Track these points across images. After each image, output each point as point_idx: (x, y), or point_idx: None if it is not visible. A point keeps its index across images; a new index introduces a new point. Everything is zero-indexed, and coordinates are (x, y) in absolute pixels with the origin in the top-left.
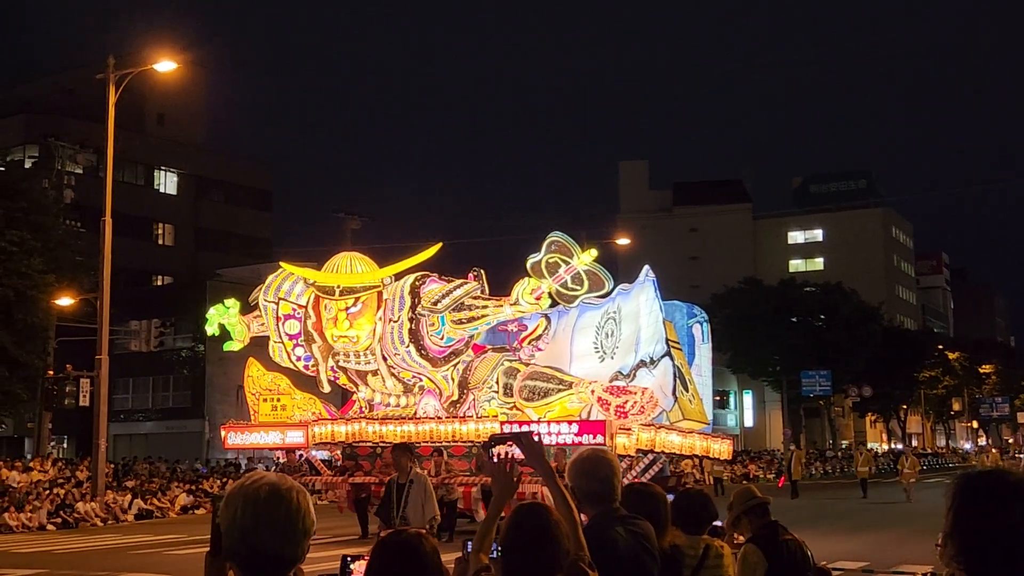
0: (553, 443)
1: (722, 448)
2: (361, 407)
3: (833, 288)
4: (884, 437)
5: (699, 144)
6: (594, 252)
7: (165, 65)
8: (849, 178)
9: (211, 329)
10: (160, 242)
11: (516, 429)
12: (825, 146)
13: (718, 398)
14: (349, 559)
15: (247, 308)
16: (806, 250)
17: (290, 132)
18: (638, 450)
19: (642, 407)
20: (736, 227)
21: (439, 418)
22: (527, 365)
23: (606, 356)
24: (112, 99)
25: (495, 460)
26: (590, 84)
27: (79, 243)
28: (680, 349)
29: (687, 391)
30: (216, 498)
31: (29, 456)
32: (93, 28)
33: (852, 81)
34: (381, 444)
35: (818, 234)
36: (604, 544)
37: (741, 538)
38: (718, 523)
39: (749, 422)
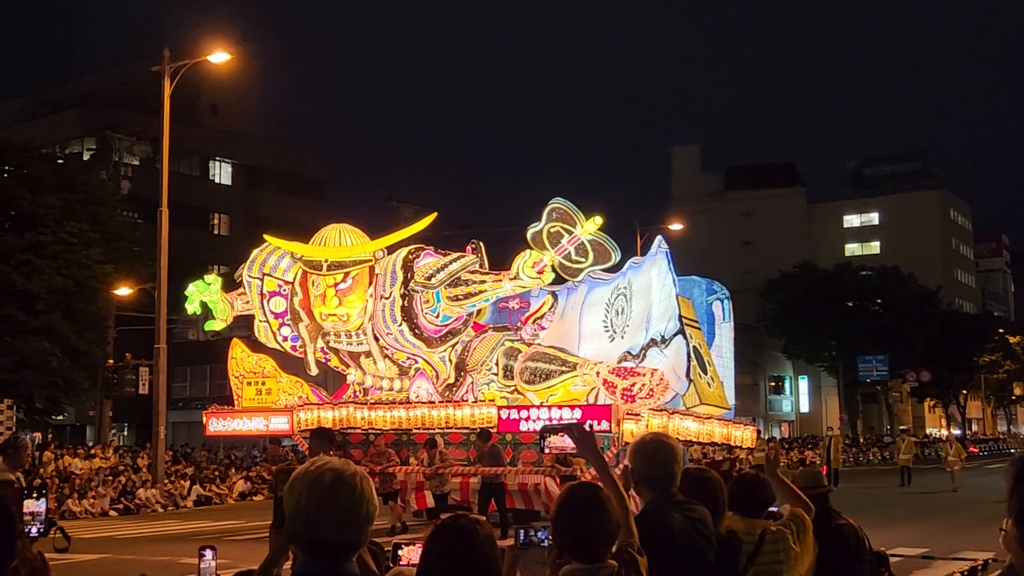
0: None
1: (745, 435)
2: (355, 391)
3: (890, 272)
4: (943, 422)
5: (751, 128)
6: (599, 220)
7: (218, 56)
8: (904, 159)
9: (192, 307)
10: (216, 232)
11: (519, 415)
12: (879, 127)
13: (773, 384)
14: (398, 546)
15: (232, 285)
16: (862, 234)
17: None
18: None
19: (651, 390)
20: (790, 211)
21: (432, 403)
22: (529, 346)
23: (616, 335)
24: (167, 91)
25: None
26: (640, 69)
27: (136, 234)
28: (698, 328)
29: (705, 373)
30: (281, 473)
31: (91, 444)
32: (147, 21)
33: (906, 60)
34: (372, 431)
35: (874, 217)
36: (660, 529)
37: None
38: (774, 508)
39: (805, 408)
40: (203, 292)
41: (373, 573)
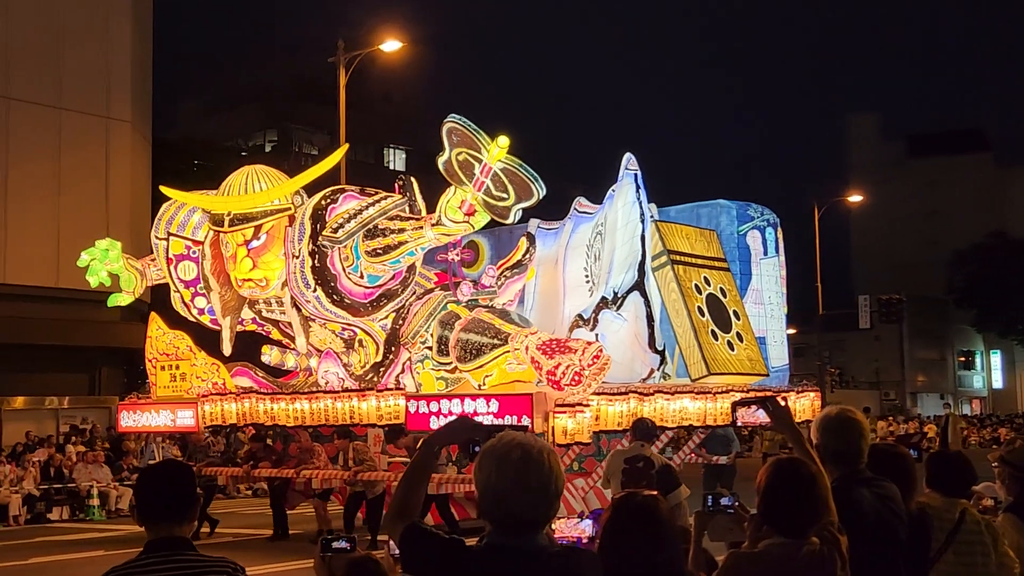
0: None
1: (802, 405)
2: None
3: None
4: None
5: (933, 94)
6: (504, 140)
7: (391, 45)
8: None
9: (93, 279)
10: None
11: (428, 408)
12: None
13: (962, 359)
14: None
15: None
16: None
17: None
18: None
19: (577, 373)
20: (978, 178)
21: (335, 393)
22: (472, 310)
23: (596, 288)
24: (343, 81)
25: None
26: (817, 37)
27: None
28: (725, 269)
29: (727, 331)
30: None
31: None
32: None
33: None
34: (277, 427)
35: None
36: (848, 506)
37: (987, 502)
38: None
39: (998, 383)
40: (104, 260)
41: None
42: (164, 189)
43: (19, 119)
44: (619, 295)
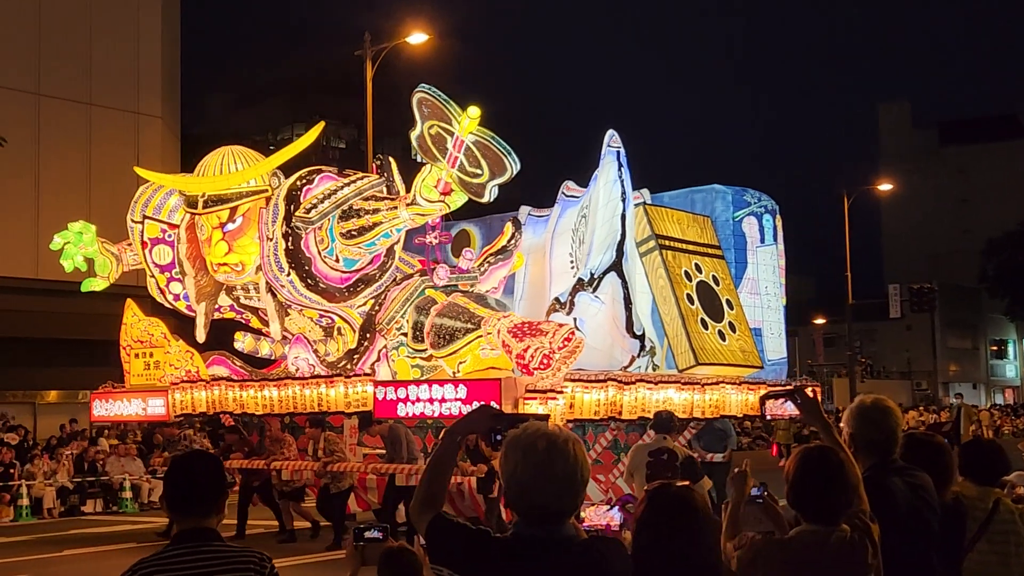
0: (436, 414)
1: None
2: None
3: None
4: None
5: (964, 81)
6: (475, 111)
7: (417, 38)
8: None
9: (67, 264)
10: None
11: (395, 394)
12: None
13: (995, 348)
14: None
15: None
16: None
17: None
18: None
19: (546, 356)
20: (1012, 165)
21: (303, 379)
22: (462, 294)
23: (578, 272)
24: (370, 74)
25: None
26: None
27: None
28: (719, 256)
29: (719, 320)
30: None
31: None
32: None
33: None
34: (247, 416)
35: None
36: (881, 495)
37: (1021, 490)
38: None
39: None
40: (78, 243)
41: None
42: (139, 170)
43: (50, 115)
44: (595, 276)
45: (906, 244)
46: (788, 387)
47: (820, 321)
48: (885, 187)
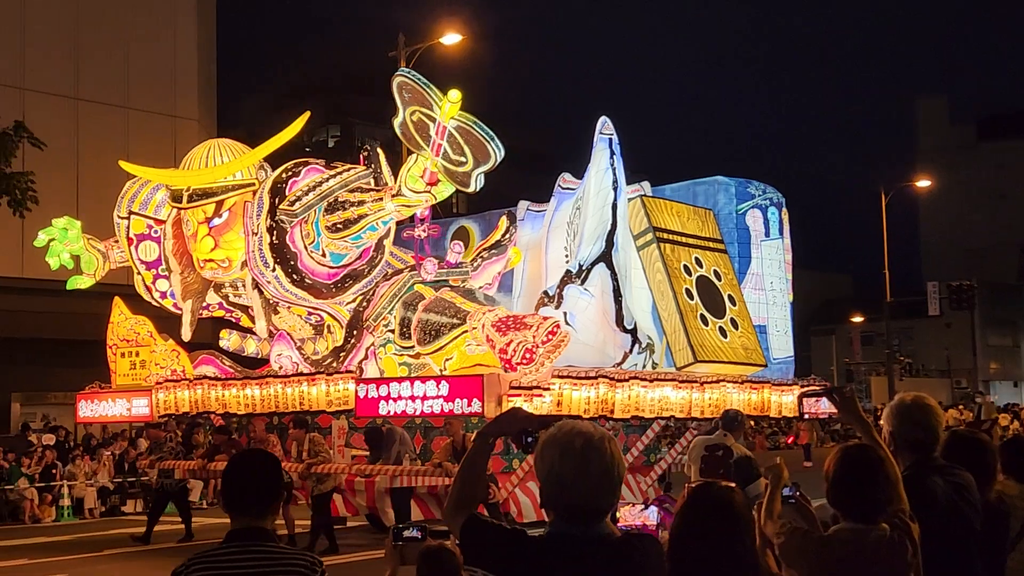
0: (418, 412)
1: (787, 400)
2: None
3: None
4: None
5: (1004, 76)
6: (456, 95)
7: (451, 38)
8: None
9: (53, 261)
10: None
11: (377, 392)
12: None
13: None
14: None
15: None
16: None
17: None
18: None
19: (529, 350)
20: None
21: (284, 377)
22: (451, 289)
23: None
24: None
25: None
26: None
27: None
28: (721, 250)
29: (718, 318)
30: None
31: None
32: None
33: None
34: (230, 415)
35: None
36: (921, 494)
37: None
38: None
39: None
40: (63, 240)
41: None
42: (123, 164)
43: (88, 119)
44: (583, 267)
45: (944, 241)
46: (825, 385)
47: (858, 319)
48: (923, 183)
